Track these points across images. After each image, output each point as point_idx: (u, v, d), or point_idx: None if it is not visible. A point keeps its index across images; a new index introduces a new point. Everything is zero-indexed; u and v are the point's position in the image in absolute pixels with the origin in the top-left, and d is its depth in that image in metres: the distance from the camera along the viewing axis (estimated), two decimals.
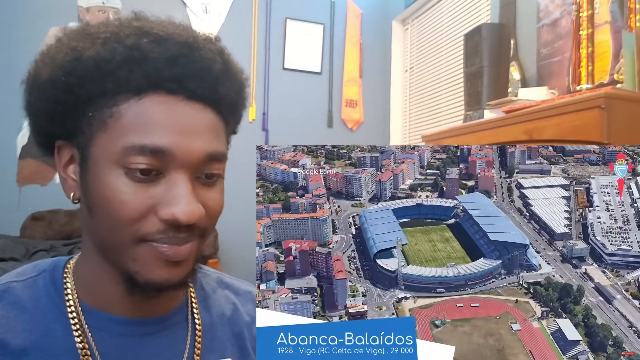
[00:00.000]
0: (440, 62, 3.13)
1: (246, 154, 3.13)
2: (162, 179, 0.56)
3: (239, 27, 3.32)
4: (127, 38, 0.56)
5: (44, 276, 0.63)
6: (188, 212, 0.55)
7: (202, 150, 0.57)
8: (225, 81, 0.61)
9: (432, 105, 3.24)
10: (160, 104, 0.56)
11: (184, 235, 0.56)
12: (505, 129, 1.56)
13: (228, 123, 0.64)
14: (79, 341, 0.59)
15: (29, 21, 2.85)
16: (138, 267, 0.56)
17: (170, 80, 0.56)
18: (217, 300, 0.75)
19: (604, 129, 1.17)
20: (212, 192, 0.61)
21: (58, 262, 0.66)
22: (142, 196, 0.55)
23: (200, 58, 0.59)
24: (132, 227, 0.55)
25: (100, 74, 0.55)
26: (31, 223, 2.65)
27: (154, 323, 0.65)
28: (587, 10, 1.64)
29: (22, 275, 0.63)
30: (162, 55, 0.56)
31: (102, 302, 0.62)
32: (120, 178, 0.54)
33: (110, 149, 0.55)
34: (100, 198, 0.56)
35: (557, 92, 1.86)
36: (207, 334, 0.70)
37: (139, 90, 0.55)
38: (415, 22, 3.52)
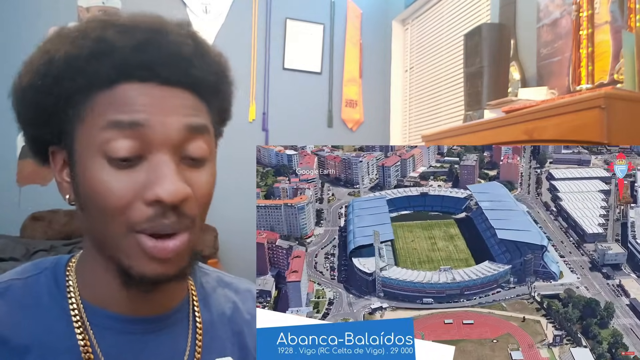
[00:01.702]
0: (440, 62, 3.13)
1: (246, 154, 3.14)
2: (145, 162, 0.56)
3: (239, 27, 3.31)
4: (93, 32, 0.56)
5: (46, 274, 0.64)
6: (172, 190, 0.54)
7: (180, 123, 0.57)
8: (199, 64, 0.60)
9: (432, 105, 3.24)
10: (133, 90, 0.56)
11: (170, 221, 0.55)
12: (505, 129, 1.56)
13: (211, 105, 0.63)
14: (81, 339, 0.59)
15: (29, 21, 2.85)
16: (131, 262, 0.56)
17: (140, 68, 0.56)
18: (217, 299, 0.75)
19: (604, 129, 1.17)
20: (200, 174, 0.59)
21: (60, 261, 0.66)
22: (127, 182, 0.55)
23: (169, 42, 0.58)
24: (121, 216, 0.55)
25: (72, 71, 0.56)
26: (31, 223, 2.65)
27: (155, 321, 0.65)
28: (587, 10, 1.64)
29: (23, 274, 0.63)
30: (128, 44, 0.56)
31: (104, 300, 0.62)
32: (104, 168, 0.55)
33: (90, 139, 0.56)
34: (88, 191, 0.56)
35: (557, 92, 1.86)
36: (207, 333, 0.70)
37: (110, 81, 0.55)
38: (415, 22, 3.52)
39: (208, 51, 0.63)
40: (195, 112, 0.59)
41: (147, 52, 0.56)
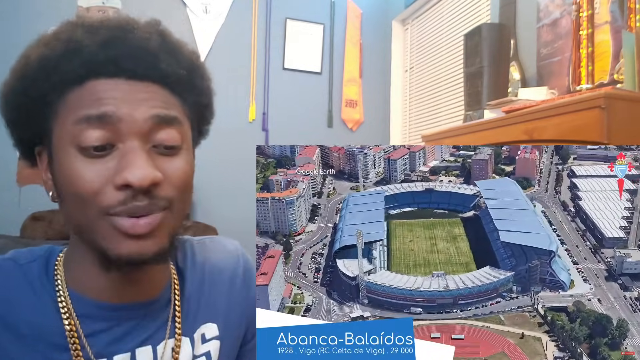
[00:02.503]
0: (440, 62, 3.13)
1: (246, 154, 3.14)
2: (116, 151, 0.58)
3: (239, 27, 3.31)
4: (64, 33, 0.59)
5: (39, 262, 0.66)
6: (140, 175, 0.56)
7: (148, 114, 0.59)
8: (166, 58, 0.62)
9: (432, 105, 3.24)
10: (102, 86, 0.58)
11: (143, 204, 0.57)
12: (505, 129, 1.56)
13: (185, 100, 0.65)
14: (67, 324, 0.62)
15: (29, 21, 2.85)
16: (107, 244, 0.58)
17: (107, 64, 0.58)
18: (193, 272, 0.78)
19: (604, 129, 1.17)
20: (173, 161, 0.61)
21: (52, 252, 0.68)
22: (98, 169, 0.57)
23: (135, 38, 0.60)
24: (94, 201, 0.57)
25: (45, 72, 0.58)
26: (31, 223, 2.65)
27: (139, 308, 0.68)
28: (587, 10, 1.64)
29: (19, 259, 0.66)
30: (94, 42, 0.58)
31: (89, 289, 0.65)
32: (76, 157, 0.57)
33: (63, 132, 0.58)
34: (63, 180, 0.59)
35: (557, 92, 1.86)
36: (186, 311, 0.73)
37: (80, 78, 0.58)
38: (415, 22, 3.52)
39: (179, 47, 0.65)
40: (164, 105, 0.61)
41: (113, 48, 0.58)
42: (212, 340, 0.75)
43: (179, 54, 0.64)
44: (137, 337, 0.66)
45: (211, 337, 0.75)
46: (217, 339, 0.75)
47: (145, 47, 0.60)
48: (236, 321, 0.80)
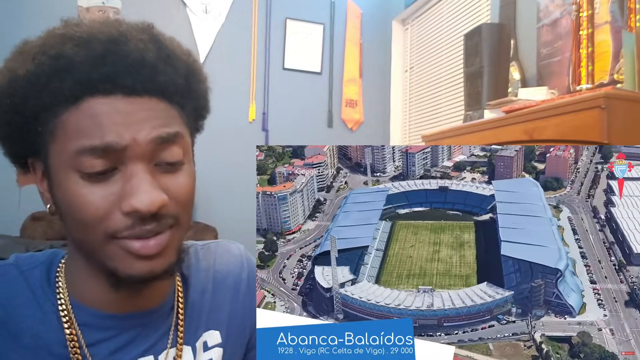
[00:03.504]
0: (440, 62, 3.13)
1: (246, 154, 3.15)
2: (118, 173, 0.56)
3: (239, 27, 3.31)
4: (52, 48, 0.55)
5: (40, 269, 0.65)
6: (147, 201, 0.55)
7: (151, 136, 0.56)
8: (165, 68, 0.59)
9: (432, 105, 3.24)
10: (99, 106, 0.55)
11: (151, 227, 0.56)
12: (505, 129, 1.56)
13: (184, 108, 0.63)
14: (69, 333, 0.61)
15: (29, 21, 2.85)
16: (116, 264, 0.57)
17: (103, 81, 0.55)
18: (197, 278, 0.76)
19: (604, 129, 1.17)
20: (176, 178, 0.60)
21: (54, 258, 0.67)
22: (102, 194, 0.55)
23: (129, 51, 0.56)
24: (100, 226, 0.56)
25: (35, 90, 0.55)
26: (31, 223, 2.65)
27: (141, 317, 0.67)
28: (587, 10, 1.64)
29: (22, 265, 0.65)
30: (87, 58, 0.55)
31: (91, 299, 0.64)
32: (78, 182, 0.55)
33: (63, 156, 0.56)
34: (66, 204, 0.57)
35: (557, 92, 1.86)
36: (189, 317, 0.72)
37: (75, 97, 0.55)
38: (415, 22, 3.52)
39: (174, 53, 0.62)
40: (166, 121, 0.59)
41: (108, 64, 0.55)
42: (215, 348, 0.74)
43: (176, 60, 0.62)
44: (139, 347, 0.66)
45: (213, 345, 0.74)
46: (219, 347, 0.74)
47: (142, 59, 0.57)
48: (240, 328, 0.78)
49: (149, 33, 0.60)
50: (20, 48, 0.59)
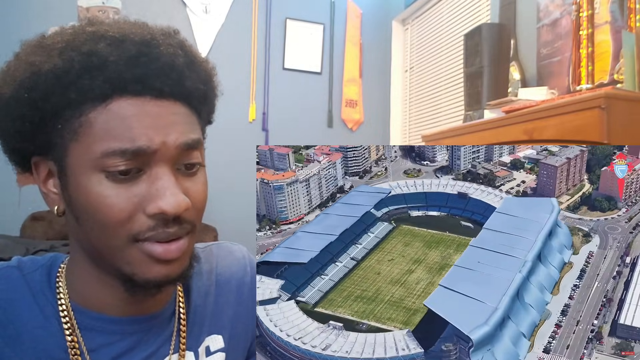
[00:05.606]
0: (440, 62, 3.13)
1: (246, 154, 3.14)
2: (143, 175, 0.56)
3: (239, 27, 3.31)
4: (83, 45, 0.55)
5: (40, 273, 0.64)
6: (174, 203, 0.55)
7: (179, 142, 0.57)
8: (190, 74, 0.60)
9: (432, 105, 3.24)
10: (128, 107, 0.55)
11: (173, 230, 0.57)
12: (505, 129, 1.56)
13: (201, 113, 0.64)
14: (70, 340, 0.61)
15: (29, 21, 2.85)
16: (134, 269, 0.57)
17: (133, 82, 0.55)
18: (199, 282, 0.76)
19: (604, 129, 1.17)
20: (195, 183, 0.61)
21: (54, 262, 0.67)
22: (127, 196, 0.55)
23: (161, 55, 0.57)
24: (123, 228, 0.55)
25: (62, 86, 0.54)
26: (31, 223, 2.65)
27: (143, 322, 0.66)
28: (587, 10, 1.64)
29: (24, 268, 0.64)
30: (121, 58, 0.55)
31: (92, 303, 0.63)
32: (101, 182, 0.55)
33: (87, 156, 0.55)
34: (86, 206, 0.56)
35: (557, 92, 1.86)
36: (191, 320, 0.71)
37: (104, 96, 0.55)
38: (415, 22, 3.52)
39: (196, 59, 0.63)
40: (190, 127, 0.60)
41: (140, 66, 0.55)
42: (217, 353, 0.73)
43: (198, 66, 0.63)
44: (141, 353, 0.65)
45: (216, 350, 0.73)
46: (222, 351, 0.73)
47: (172, 64, 0.58)
48: (242, 331, 0.78)
49: (177, 38, 0.62)
50: (40, 42, 0.58)
